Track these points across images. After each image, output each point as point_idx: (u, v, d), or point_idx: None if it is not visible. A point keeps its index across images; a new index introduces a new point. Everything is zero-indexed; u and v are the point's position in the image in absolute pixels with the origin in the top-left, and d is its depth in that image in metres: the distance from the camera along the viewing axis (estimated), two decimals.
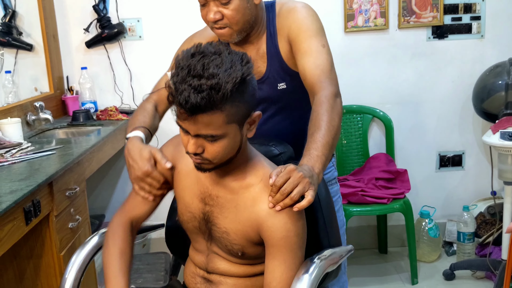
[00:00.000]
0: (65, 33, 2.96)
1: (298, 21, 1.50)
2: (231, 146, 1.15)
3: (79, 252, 1.43)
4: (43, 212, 1.74)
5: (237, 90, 1.07)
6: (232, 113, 1.10)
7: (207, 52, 1.10)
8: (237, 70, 1.08)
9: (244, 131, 1.18)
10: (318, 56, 1.46)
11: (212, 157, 1.15)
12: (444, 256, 3.05)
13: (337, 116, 1.37)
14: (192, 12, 2.96)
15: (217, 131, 1.11)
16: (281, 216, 1.16)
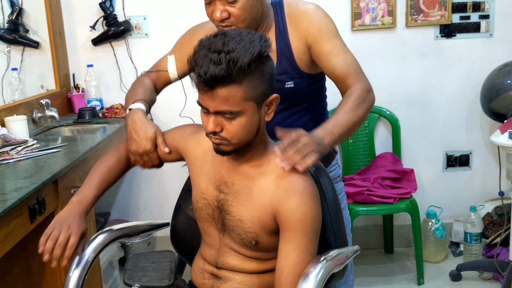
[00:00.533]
0: (71, 31, 2.96)
1: (316, 23, 1.51)
2: (249, 125, 1.18)
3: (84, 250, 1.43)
4: (48, 210, 1.74)
5: (254, 65, 1.12)
6: (250, 89, 1.14)
7: (229, 32, 1.16)
8: (255, 46, 1.12)
9: (262, 112, 1.20)
10: (346, 56, 1.51)
11: (230, 136, 1.18)
12: (450, 256, 3.03)
13: (365, 108, 1.43)
14: (198, 9, 2.94)
15: (235, 107, 1.14)
16: (297, 199, 1.18)
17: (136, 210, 3.16)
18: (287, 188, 1.20)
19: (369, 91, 1.48)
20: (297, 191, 1.19)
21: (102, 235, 1.48)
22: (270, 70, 1.19)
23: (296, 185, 1.20)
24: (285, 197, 1.19)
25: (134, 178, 3.13)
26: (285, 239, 1.20)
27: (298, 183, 1.20)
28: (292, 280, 1.17)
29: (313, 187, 1.22)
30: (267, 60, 1.18)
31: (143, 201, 3.15)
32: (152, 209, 3.15)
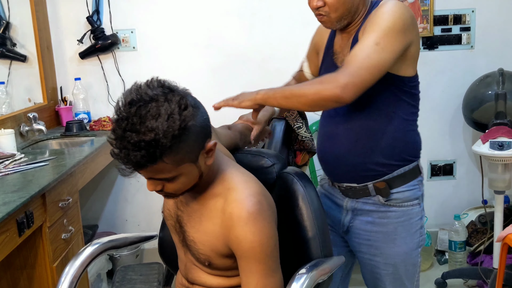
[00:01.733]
0: (59, 44, 2.97)
1: (376, 14, 1.42)
2: (189, 180, 1.16)
3: (72, 263, 1.44)
4: (36, 223, 1.75)
5: (178, 140, 1.05)
6: (180, 158, 1.09)
7: (144, 99, 1.05)
8: (175, 121, 1.04)
9: (201, 162, 1.16)
10: (363, 48, 1.37)
11: (173, 192, 1.18)
12: (436, 264, 3.07)
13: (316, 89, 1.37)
14: (185, 23, 2.98)
15: (168, 174, 1.11)
16: (241, 228, 1.15)
17: (124, 223, 3.17)
18: (232, 215, 1.16)
19: (340, 86, 1.32)
20: (241, 219, 1.15)
21: (91, 248, 1.49)
22: (198, 128, 1.10)
23: (241, 212, 1.15)
24: (231, 226, 1.16)
25: (121, 191, 3.13)
26: (241, 267, 1.19)
27: (243, 208, 1.15)
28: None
29: (260, 212, 1.16)
30: (193, 123, 1.08)
31: (130, 213, 3.16)
32: (139, 222, 3.16)
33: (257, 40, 2.99)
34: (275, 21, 2.97)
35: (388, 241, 1.58)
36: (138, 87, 1.09)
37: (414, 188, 1.57)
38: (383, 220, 1.57)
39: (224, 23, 2.98)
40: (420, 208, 1.60)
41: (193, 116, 1.09)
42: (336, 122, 1.56)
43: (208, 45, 2.99)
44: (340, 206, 1.64)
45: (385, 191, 1.54)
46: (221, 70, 3.01)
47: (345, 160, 1.55)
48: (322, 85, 1.36)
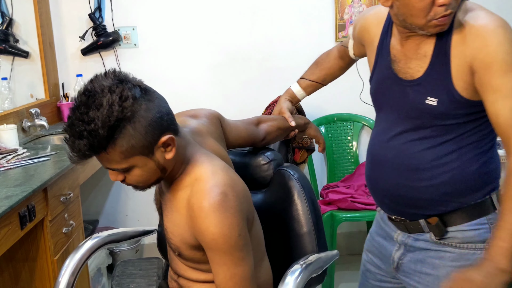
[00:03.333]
0: (61, 41, 3.00)
1: (492, 47, 1.14)
2: (146, 172, 1.17)
3: (72, 256, 1.46)
4: (38, 217, 1.78)
5: (117, 132, 1.08)
6: (126, 149, 1.10)
7: (94, 89, 1.10)
8: (113, 111, 1.07)
9: (158, 156, 1.16)
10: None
11: (133, 183, 1.20)
12: None
13: None
14: (186, 21, 3.01)
15: (119, 165, 1.14)
16: (202, 220, 1.14)
17: (124, 218, 3.20)
18: (194, 206, 1.16)
19: None
20: (202, 211, 1.14)
21: (91, 241, 1.52)
22: (145, 121, 1.11)
23: (202, 203, 1.15)
24: (194, 217, 1.16)
25: (122, 186, 3.17)
26: (209, 259, 1.19)
27: (204, 200, 1.15)
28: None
29: (221, 198, 1.15)
30: (136, 115, 1.09)
31: (131, 208, 3.19)
32: (140, 217, 3.19)
33: (258, 38, 3.01)
34: (276, 19, 2.99)
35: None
36: (95, 77, 1.13)
37: (481, 228, 1.27)
38: (435, 261, 1.32)
39: (225, 21, 3.00)
40: None
41: (139, 106, 1.10)
42: (386, 148, 1.33)
43: (209, 42, 3.02)
44: (392, 238, 1.42)
45: (439, 229, 1.29)
46: (222, 68, 3.04)
47: (394, 192, 1.34)
48: None
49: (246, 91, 3.05)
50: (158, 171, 1.19)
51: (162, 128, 1.15)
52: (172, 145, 1.17)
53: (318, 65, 1.75)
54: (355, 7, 2.95)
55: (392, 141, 1.32)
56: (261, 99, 2.94)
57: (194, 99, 2.97)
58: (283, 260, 1.35)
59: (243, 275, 1.18)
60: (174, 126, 1.19)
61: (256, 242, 1.28)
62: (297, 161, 2.67)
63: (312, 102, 3.02)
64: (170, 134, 1.16)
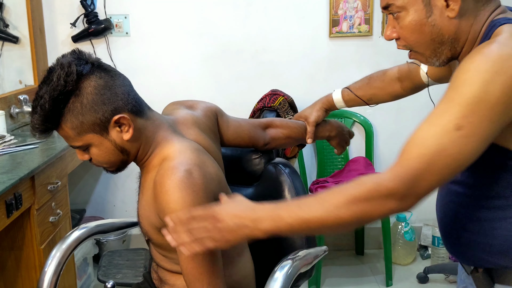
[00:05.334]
0: (51, 27, 2.96)
1: (466, 66, 0.93)
2: (105, 152, 1.18)
3: (59, 246, 1.46)
4: (25, 205, 1.76)
5: (61, 106, 1.11)
6: (77, 125, 1.13)
7: (53, 66, 1.14)
8: (57, 87, 1.10)
9: (114, 135, 1.17)
10: (428, 128, 0.95)
11: (97, 164, 1.22)
12: (419, 259, 3.11)
13: (354, 213, 0.93)
14: (179, 11, 2.98)
15: (76, 143, 1.17)
16: (164, 196, 1.11)
17: (112, 208, 3.18)
18: (157, 184, 1.13)
19: (394, 197, 0.92)
20: (164, 187, 1.10)
21: (78, 231, 1.51)
22: (93, 97, 1.12)
23: (164, 180, 1.11)
24: (156, 195, 1.13)
25: (111, 176, 3.14)
26: None
27: (167, 177, 1.11)
28: (189, 278, 1.12)
29: (185, 175, 1.10)
30: (82, 91, 1.11)
31: (119, 199, 3.17)
32: (128, 207, 3.17)
33: (251, 31, 3.00)
34: (270, 12, 2.98)
35: None
36: (61, 56, 1.17)
37: None
38: None
39: (218, 12, 2.98)
40: None
41: (85, 85, 1.12)
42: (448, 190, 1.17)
43: (201, 33, 2.99)
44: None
45: (482, 282, 1.11)
46: (214, 59, 3.02)
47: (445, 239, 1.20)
48: (360, 200, 0.93)
49: (238, 83, 3.04)
50: (118, 152, 1.19)
51: (116, 107, 1.15)
52: (127, 125, 1.17)
53: (370, 81, 1.58)
54: (350, 2, 2.94)
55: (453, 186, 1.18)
56: (253, 92, 2.94)
57: (186, 90, 2.96)
58: (272, 255, 1.35)
59: (203, 257, 1.10)
60: (133, 107, 1.19)
61: None
62: (287, 156, 2.67)
63: (303, 97, 3.02)
64: (126, 114, 1.16)
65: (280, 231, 0.98)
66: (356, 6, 2.94)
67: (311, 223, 0.95)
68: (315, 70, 3.03)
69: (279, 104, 2.58)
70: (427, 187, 0.92)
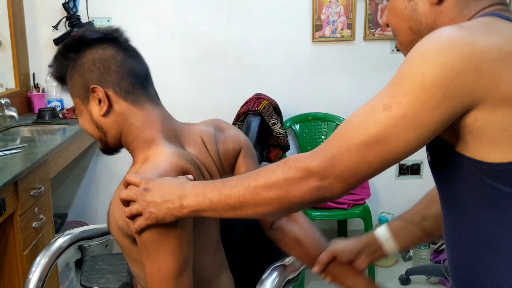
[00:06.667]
0: (33, 30, 2.93)
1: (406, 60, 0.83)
2: (85, 123, 1.18)
3: (43, 253, 1.44)
4: (8, 211, 1.74)
5: (69, 59, 1.15)
6: (71, 87, 1.18)
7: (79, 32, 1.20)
8: (67, 40, 1.17)
9: (92, 107, 1.14)
10: (364, 112, 0.85)
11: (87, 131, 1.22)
12: (400, 261, 3.15)
13: (275, 194, 0.89)
14: (162, 14, 2.98)
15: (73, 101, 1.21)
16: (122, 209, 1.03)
17: (94, 212, 3.15)
18: None
19: (310, 174, 0.85)
20: None
21: (62, 238, 1.50)
22: (87, 65, 1.12)
23: None
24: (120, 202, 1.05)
25: (93, 180, 3.12)
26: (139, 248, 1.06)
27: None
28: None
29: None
30: (85, 51, 1.13)
31: (101, 203, 3.14)
32: None
33: (235, 35, 3.00)
34: (253, 16, 2.99)
35: None
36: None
37: None
38: None
39: (202, 16, 2.98)
40: None
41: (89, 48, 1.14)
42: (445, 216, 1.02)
43: (185, 37, 2.99)
44: None
45: None
46: (198, 63, 3.02)
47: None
48: (281, 181, 0.88)
49: (222, 87, 3.04)
50: (95, 128, 1.16)
51: (101, 80, 1.12)
52: (103, 101, 1.11)
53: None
54: (332, 7, 2.97)
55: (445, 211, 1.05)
56: (237, 95, 2.95)
57: (169, 94, 2.95)
58: (259, 262, 1.35)
59: (170, 272, 1.01)
60: (125, 89, 1.12)
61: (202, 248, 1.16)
62: (272, 159, 2.68)
63: (287, 101, 3.04)
64: (107, 90, 1.11)
65: (202, 209, 0.95)
66: (339, 11, 2.97)
67: (231, 200, 0.92)
68: (298, 74, 3.05)
69: (263, 107, 2.59)
70: (348, 167, 0.84)
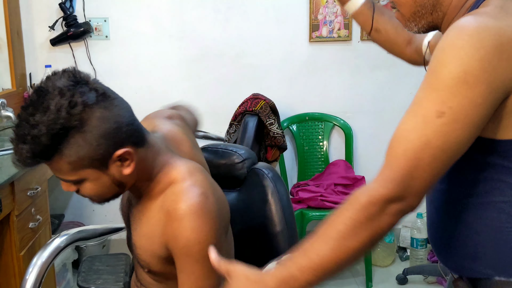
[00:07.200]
0: (29, 30, 2.92)
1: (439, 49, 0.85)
2: (100, 187, 1.06)
3: (40, 254, 1.44)
4: (4, 212, 1.74)
5: (62, 141, 0.97)
6: (74, 161, 0.99)
7: (46, 88, 0.98)
8: (57, 119, 0.95)
9: (114, 170, 1.05)
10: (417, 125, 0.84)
11: (88, 196, 1.09)
12: (398, 261, 3.15)
13: (367, 235, 0.85)
14: (159, 14, 2.97)
15: (69, 177, 1.03)
16: (177, 224, 1.05)
17: (91, 213, 3.15)
18: (168, 211, 1.07)
19: (390, 201, 0.85)
20: (177, 215, 1.05)
21: (59, 239, 1.49)
22: (98, 131, 0.99)
23: (178, 204, 1.06)
24: (167, 222, 1.06)
25: None
26: (177, 267, 1.09)
27: (181, 201, 1.06)
28: None
29: (199, 207, 1.05)
30: (86, 125, 0.98)
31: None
32: (107, 212, 3.14)
33: (232, 35, 3.00)
34: (250, 16, 2.99)
35: None
36: (52, 74, 1.02)
37: None
38: None
39: (199, 16, 2.98)
40: None
41: (88, 116, 0.98)
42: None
43: (182, 37, 2.99)
44: None
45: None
46: (195, 63, 3.02)
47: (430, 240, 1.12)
48: (366, 219, 0.85)
49: (218, 87, 3.04)
50: (115, 187, 1.08)
51: (119, 140, 1.03)
52: (130, 159, 1.05)
53: (391, 19, 1.39)
54: (330, 7, 2.97)
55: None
56: (233, 95, 2.95)
57: (166, 93, 2.95)
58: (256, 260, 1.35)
59: None
60: (135, 138, 1.07)
61: (227, 253, 1.18)
62: (269, 159, 2.68)
63: (284, 101, 3.04)
64: (129, 148, 1.04)
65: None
66: (336, 11, 2.97)
67: (326, 268, 0.86)
68: (295, 74, 3.05)
69: (260, 108, 2.60)
70: (423, 183, 0.84)
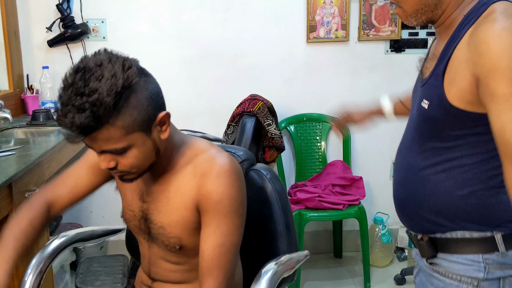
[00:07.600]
0: (27, 31, 2.92)
1: (493, 52, 0.98)
2: (143, 153, 1.13)
3: (39, 255, 1.44)
4: (2, 213, 1.73)
5: (122, 100, 1.05)
6: (128, 123, 1.07)
7: (89, 65, 1.05)
8: (118, 79, 1.03)
9: (155, 135, 1.14)
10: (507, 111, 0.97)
11: (127, 168, 1.14)
12: (396, 261, 3.16)
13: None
14: (157, 15, 2.97)
15: (119, 144, 1.08)
16: (212, 180, 1.15)
17: (89, 214, 3.14)
18: (203, 172, 1.17)
19: None
20: (213, 173, 1.16)
21: (58, 240, 1.49)
22: (146, 93, 1.09)
23: (211, 167, 1.17)
24: (201, 182, 1.16)
25: None
26: (204, 223, 1.17)
27: (214, 164, 1.17)
28: (212, 263, 1.15)
29: (231, 166, 1.18)
30: (138, 86, 1.08)
31: (96, 205, 3.13)
32: (105, 213, 3.14)
33: (230, 35, 3.01)
34: (248, 17, 2.99)
35: None
36: (84, 57, 1.09)
37: (472, 264, 1.12)
38: (428, 285, 1.21)
39: (197, 16, 2.98)
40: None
41: (140, 78, 1.08)
42: (399, 152, 1.30)
43: (180, 38, 2.99)
44: None
45: (427, 250, 1.19)
46: (193, 64, 3.02)
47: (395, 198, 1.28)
48: None
49: (217, 87, 3.04)
50: (154, 154, 1.16)
51: (161, 103, 1.15)
52: (168, 123, 1.15)
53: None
54: (327, 8, 2.98)
55: (401, 146, 1.30)
56: (232, 96, 2.95)
57: (164, 94, 2.93)
58: (255, 260, 1.35)
59: (231, 247, 1.17)
60: (165, 106, 1.18)
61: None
62: (267, 160, 2.68)
63: (282, 102, 3.04)
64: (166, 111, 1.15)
65: None
66: (333, 12, 2.98)
67: None
68: (293, 75, 3.06)
69: (258, 108, 2.60)
70: None
